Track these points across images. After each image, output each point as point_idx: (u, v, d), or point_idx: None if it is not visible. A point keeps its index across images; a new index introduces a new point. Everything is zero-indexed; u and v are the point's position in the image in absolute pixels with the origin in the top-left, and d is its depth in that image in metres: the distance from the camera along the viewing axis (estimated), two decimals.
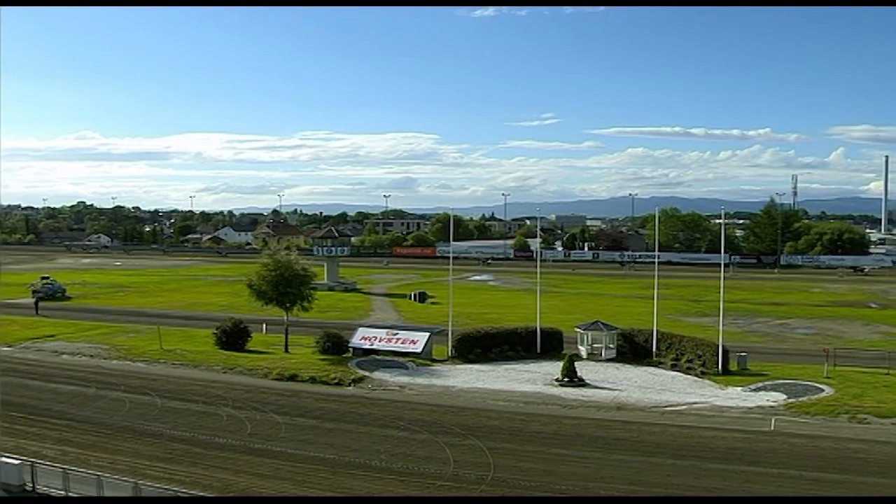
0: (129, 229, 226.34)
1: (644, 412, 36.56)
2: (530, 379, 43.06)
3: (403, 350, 48.02)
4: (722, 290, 47.25)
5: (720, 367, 43.40)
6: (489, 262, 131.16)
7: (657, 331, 47.52)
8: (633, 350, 47.77)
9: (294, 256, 52.57)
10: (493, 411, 36.94)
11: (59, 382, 43.22)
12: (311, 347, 49.81)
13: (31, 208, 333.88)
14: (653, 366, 45.71)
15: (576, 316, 59.21)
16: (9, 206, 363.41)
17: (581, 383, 41.44)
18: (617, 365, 46.11)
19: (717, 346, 44.17)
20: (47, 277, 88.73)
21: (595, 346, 48.20)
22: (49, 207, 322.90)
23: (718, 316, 47.00)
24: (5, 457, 27.13)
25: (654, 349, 46.89)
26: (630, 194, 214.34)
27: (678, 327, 54.87)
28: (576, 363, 42.94)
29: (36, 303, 73.23)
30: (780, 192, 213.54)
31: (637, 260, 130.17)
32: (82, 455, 29.88)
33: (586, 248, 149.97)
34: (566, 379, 41.66)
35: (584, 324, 49.72)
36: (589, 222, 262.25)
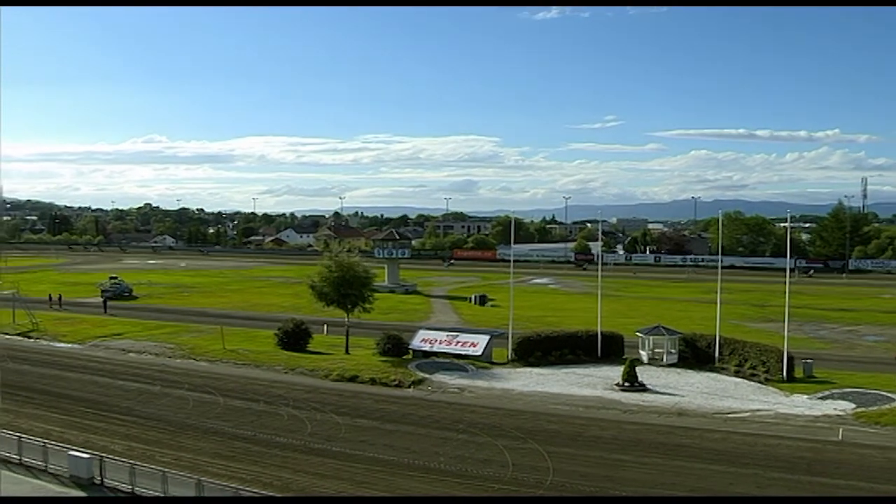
0: (193, 231, 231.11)
1: (706, 419, 35.93)
2: (590, 383, 42.69)
3: (463, 353, 48.01)
4: (787, 295, 46.25)
5: (785, 373, 42.41)
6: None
7: (720, 336, 46.66)
8: (694, 355, 47.01)
9: (355, 258, 53.00)
10: (552, 415, 36.72)
11: (125, 380, 44.29)
12: (372, 349, 50.12)
13: (101, 210, 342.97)
14: (715, 371, 44.93)
15: (637, 320, 58.51)
16: (80, 208, 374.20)
17: (642, 388, 40.94)
18: (678, 370, 45.44)
19: (782, 352, 43.19)
20: (115, 277, 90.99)
21: (656, 350, 47.55)
22: (117, 209, 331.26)
23: (783, 321, 46.01)
24: (75, 450, 27.94)
25: (716, 354, 46.06)
26: (693, 197, 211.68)
27: (741, 333, 53.81)
28: (636, 368, 42.38)
29: (104, 302, 75.22)
30: (849, 194, 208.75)
31: (700, 264, 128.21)
32: (148, 451, 30.54)
33: (648, 252, 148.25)
34: (627, 383, 41.21)
35: (645, 328, 49.13)
36: (650, 225, 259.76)
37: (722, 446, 31.81)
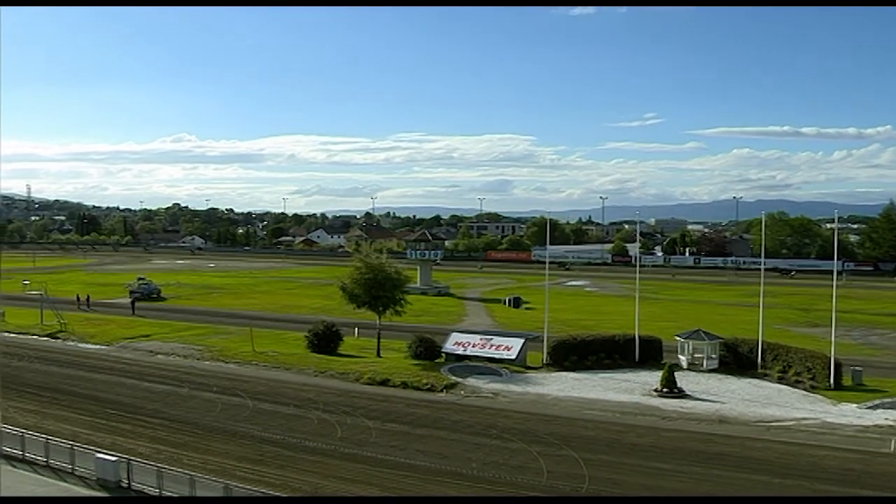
0: (222, 231, 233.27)
1: (748, 426, 35.46)
2: (628, 388, 42.38)
3: (497, 356, 47.92)
4: (834, 299, 45.51)
5: (832, 381, 41.74)
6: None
7: (763, 341, 46.09)
8: (736, 361, 46.46)
9: (387, 259, 53.12)
10: (588, 421, 36.50)
11: (153, 381, 44.75)
12: (404, 352, 50.22)
13: (129, 210, 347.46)
14: (758, 378, 44.36)
15: (676, 324, 57.98)
16: (108, 208, 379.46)
17: (681, 394, 40.56)
18: (719, 376, 44.93)
19: (829, 358, 42.50)
20: (143, 278, 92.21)
21: (696, 355, 47.09)
22: (146, 209, 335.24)
23: (830, 326, 45.27)
24: (102, 453, 28.24)
25: (759, 360, 45.49)
26: (734, 197, 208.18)
27: (786, 338, 53.11)
28: (675, 373, 42.02)
29: (132, 303, 76.21)
30: None
31: (741, 266, 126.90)
32: (175, 454, 30.78)
33: (687, 254, 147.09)
34: (665, 389, 40.85)
35: (684, 332, 48.66)
36: (690, 227, 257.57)
37: (765, 456, 31.36)
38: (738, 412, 37.56)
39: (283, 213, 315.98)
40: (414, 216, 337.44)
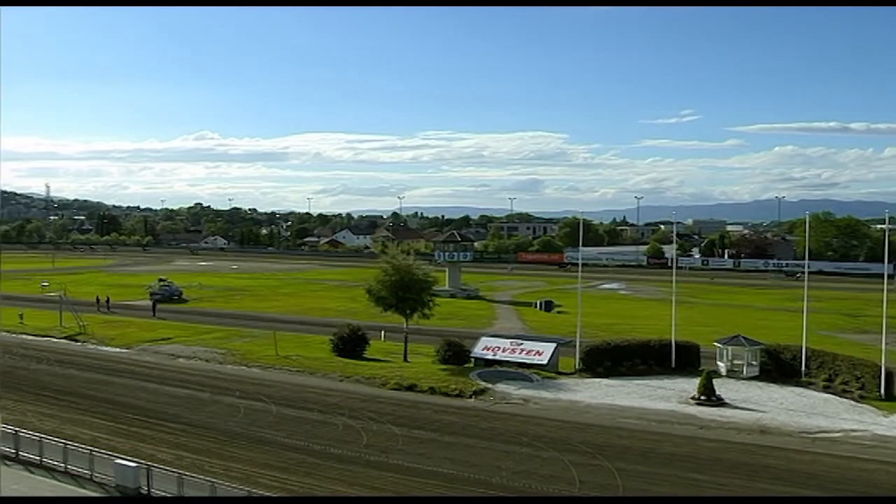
0: (245, 231, 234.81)
1: (791, 438, 34.97)
2: (664, 396, 42.05)
3: (528, 361, 47.76)
4: (885, 304, 44.76)
5: (882, 391, 41.00)
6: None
7: (807, 347, 45.51)
8: (778, 368, 45.91)
9: (414, 261, 53.13)
10: (622, 429, 36.24)
11: (174, 386, 45.05)
12: (431, 356, 50.21)
13: (150, 210, 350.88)
14: (801, 386, 43.79)
15: (714, 329, 57.53)
16: (128, 207, 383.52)
17: (720, 402, 40.14)
18: (760, 384, 44.44)
19: (880, 367, 41.82)
20: (165, 279, 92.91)
21: (735, 362, 46.62)
22: (167, 209, 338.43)
23: (881, 333, 44.54)
24: (122, 459, 28.43)
25: (803, 368, 44.92)
26: (776, 197, 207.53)
27: (832, 344, 52.44)
28: (714, 380, 41.60)
29: (153, 305, 76.81)
30: None
31: (784, 269, 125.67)
32: (196, 460, 30.95)
33: (726, 256, 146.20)
34: (703, 397, 40.45)
35: (723, 338, 48.21)
36: (729, 227, 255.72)
37: (810, 469, 30.93)
38: (780, 422, 37.09)
39: (307, 213, 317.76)
40: (442, 216, 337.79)
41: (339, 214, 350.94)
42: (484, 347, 49.96)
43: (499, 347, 49.69)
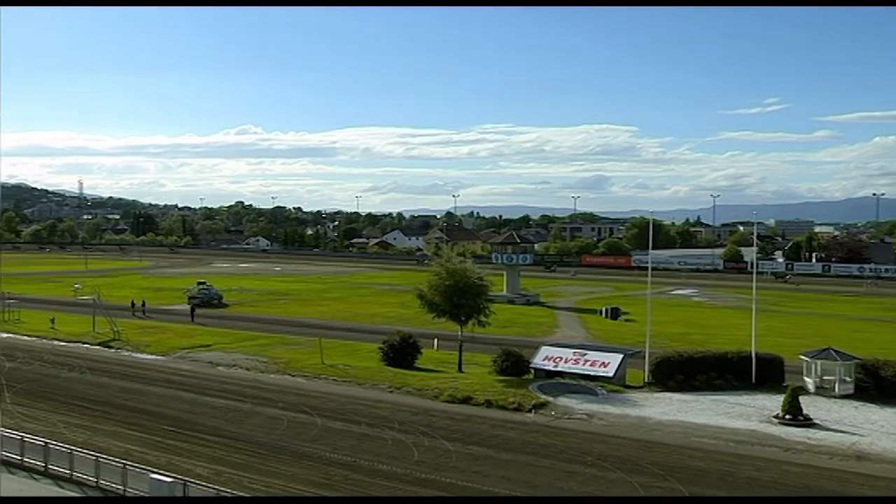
0: (289, 232, 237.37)
1: (895, 466, 34.10)
2: (743, 413, 41.38)
3: (592, 373, 47.45)
4: None
5: None
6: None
7: None
8: (877, 386, 44.68)
9: (469, 264, 53.08)
10: (696, 450, 35.74)
11: (213, 396, 45.58)
12: (487, 367, 50.13)
13: (188, 208, 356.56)
14: None
15: (800, 341, 56.58)
16: (165, 206, 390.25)
17: (808, 423, 39.33)
18: (855, 403, 43.42)
19: None
20: (204, 283, 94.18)
21: (826, 378, 45.67)
22: (206, 207, 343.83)
23: None
24: (157, 473, 28.80)
25: None
26: (874, 194, 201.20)
27: None
28: (801, 398, 40.79)
29: (192, 309, 77.83)
30: None
31: (882, 275, 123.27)
32: (235, 476, 31.23)
33: (814, 260, 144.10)
34: (788, 416, 39.69)
35: (811, 351, 47.32)
36: (818, 228, 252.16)
37: None
38: (881, 447, 35.95)
39: (355, 213, 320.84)
40: (500, 216, 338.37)
41: (390, 214, 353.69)
42: (544, 358, 49.74)
43: (561, 358, 49.43)
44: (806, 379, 46.03)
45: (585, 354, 49.55)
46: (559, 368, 48.51)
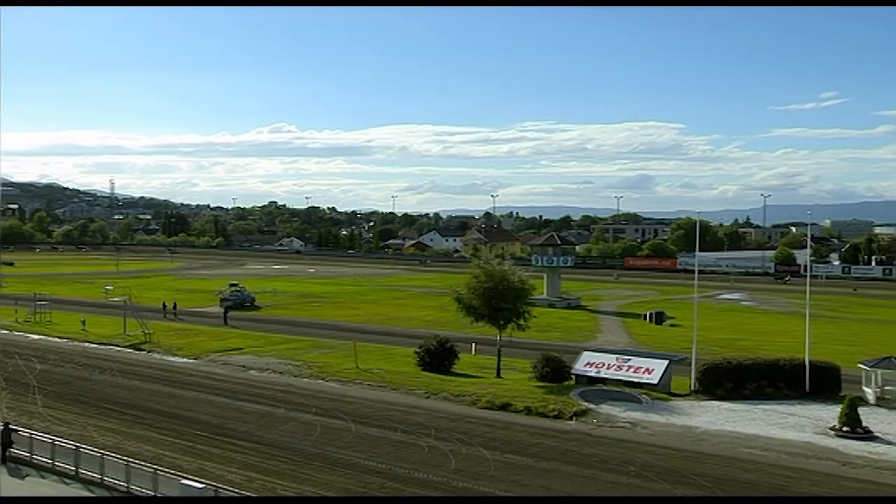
0: (323, 233, 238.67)
1: None
2: (796, 425, 40.88)
3: (636, 380, 47.18)
4: None
5: None
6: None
7: None
8: None
9: (509, 266, 53.01)
10: (746, 462, 35.36)
11: (245, 400, 45.88)
12: (527, 373, 50.05)
13: (221, 209, 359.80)
14: None
15: (858, 348, 55.95)
16: (197, 206, 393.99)
17: (867, 435, 38.67)
18: None
19: None
20: (236, 284, 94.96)
21: (887, 388, 45.00)
22: (239, 208, 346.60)
23: None
24: (188, 479, 29.03)
25: None
26: None
27: None
28: (859, 409, 40.12)
29: (224, 312, 78.51)
30: None
31: None
32: (268, 482, 31.42)
33: (874, 263, 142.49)
34: (846, 428, 39.08)
35: (871, 359, 46.62)
36: (878, 230, 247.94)
37: None
38: None
39: (391, 213, 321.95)
40: (540, 217, 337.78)
41: (427, 214, 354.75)
42: (586, 363, 49.56)
43: (603, 364, 49.22)
44: (865, 389, 45.42)
45: (629, 360, 49.31)
46: (601, 375, 48.33)
